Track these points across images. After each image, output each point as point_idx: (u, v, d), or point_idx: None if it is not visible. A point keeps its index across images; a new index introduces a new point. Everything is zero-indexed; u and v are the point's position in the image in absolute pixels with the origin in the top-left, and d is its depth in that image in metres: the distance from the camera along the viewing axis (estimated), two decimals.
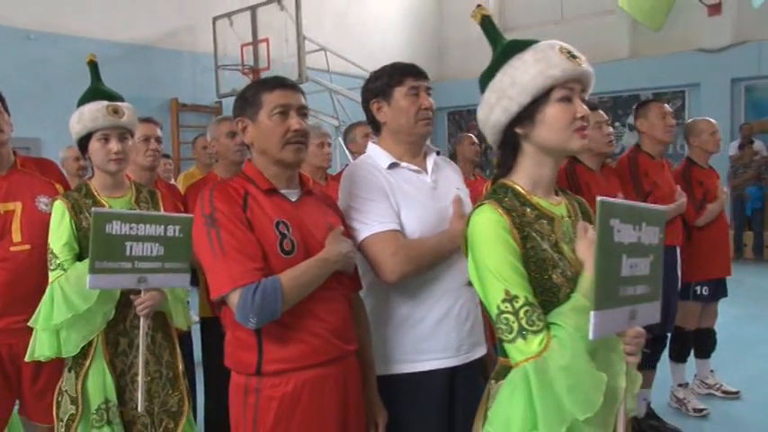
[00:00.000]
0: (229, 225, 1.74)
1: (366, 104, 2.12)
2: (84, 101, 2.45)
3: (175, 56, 9.43)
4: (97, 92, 2.48)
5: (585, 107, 1.50)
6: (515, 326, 1.36)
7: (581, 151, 1.72)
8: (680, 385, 4.09)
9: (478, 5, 1.70)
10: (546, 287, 1.43)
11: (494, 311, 1.40)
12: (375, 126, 2.15)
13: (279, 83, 1.85)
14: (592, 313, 1.26)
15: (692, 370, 4.25)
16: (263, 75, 9.12)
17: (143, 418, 2.40)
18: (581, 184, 3.15)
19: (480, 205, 1.49)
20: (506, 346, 1.39)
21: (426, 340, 1.99)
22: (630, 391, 1.46)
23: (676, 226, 3.62)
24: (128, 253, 2.21)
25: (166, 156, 5.10)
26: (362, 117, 2.31)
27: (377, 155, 2.09)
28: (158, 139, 3.12)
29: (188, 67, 9.65)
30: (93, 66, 2.59)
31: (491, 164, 12.33)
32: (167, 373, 2.47)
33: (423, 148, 2.14)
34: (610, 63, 11.23)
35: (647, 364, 3.43)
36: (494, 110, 1.52)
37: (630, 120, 12.15)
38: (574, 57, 1.47)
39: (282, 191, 1.87)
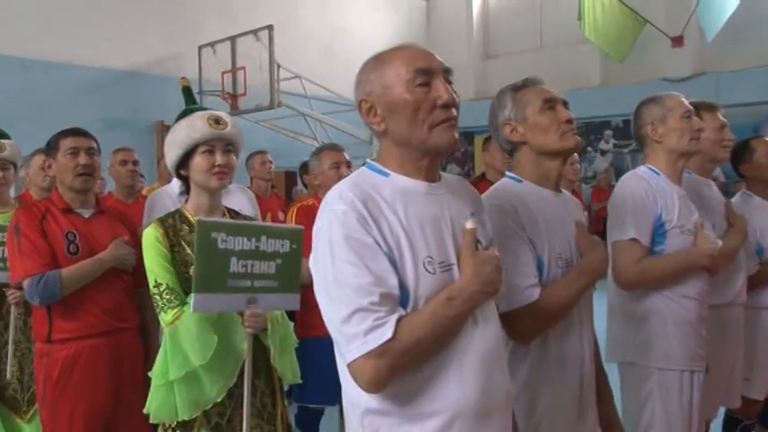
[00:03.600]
0: (28, 232, 2.44)
1: None
2: None
3: (162, 81, 10.27)
4: None
5: None
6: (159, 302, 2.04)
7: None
8: None
9: (182, 77, 2.36)
10: None
11: None
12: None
13: (72, 132, 2.56)
14: (192, 294, 1.92)
15: None
16: (241, 100, 9.95)
17: None
18: None
19: None
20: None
21: None
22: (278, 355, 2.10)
23: None
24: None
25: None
26: (341, 139, 2.76)
27: None
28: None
29: (174, 92, 10.39)
30: None
31: None
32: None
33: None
34: (582, 90, 11.80)
35: None
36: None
37: (602, 144, 12.68)
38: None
39: (77, 210, 2.56)
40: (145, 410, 2.17)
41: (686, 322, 2.33)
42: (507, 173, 1.97)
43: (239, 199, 3.42)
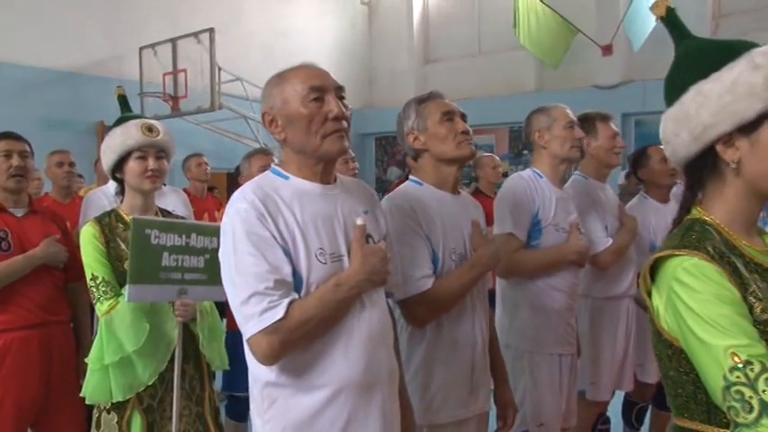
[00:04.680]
0: None
1: None
2: None
3: (103, 82, 10.22)
4: None
5: None
6: None
7: None
8: None
9: (118, 86, 2.54)
10: None
11: None
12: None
13: (4, 135, 2.70)
14: (127, 285, 2.11)
15: None
16: (182, 102, 10.00)
17: None
18: None
19: None
20: None
21: None
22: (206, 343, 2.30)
23: None
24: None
25: None
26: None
27: None
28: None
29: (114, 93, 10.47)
30: None
31: None
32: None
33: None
34: (518, 95, 12.22)
35: None
36: None
37: None
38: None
39: (10, 209, 2.70)
40: (81, 393, 2.35)
41: (555, 311, 2.58)
42: (410, 177, 2.22)
43: (173, 200, 3.60)
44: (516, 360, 2.57)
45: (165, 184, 4.25)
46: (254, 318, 1.50)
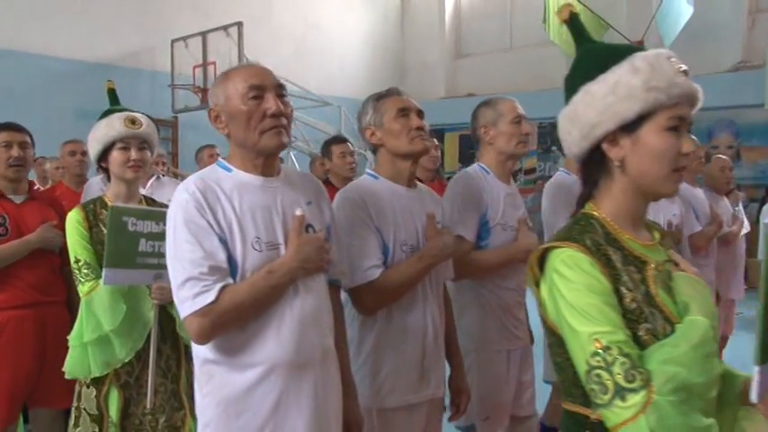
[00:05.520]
0: None
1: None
2: None
3: (135, 74, 10.52)
4: None
5: None
6: None
7: None
8: None
9: (108, 80, 2.67)
10: None
11: None
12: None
13: (6, 126, 2.86)
14: (104, 269, 2.24)
15: None
16: None
17: None
18: None
19: None
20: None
21: None
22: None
23: None
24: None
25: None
26: (312, 134, 2.70)
27: None
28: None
29: (146, 85, 10.75)
30: None
31: None
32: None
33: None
34: (548, 91, 12.12)
35: None
36: None
37: None
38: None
39: (9, 196, 2.87)
40: (63, 368, 2.49)
41: (504, 309, 2.60)
42: (367, 170, 2.30)
43: (171, 191, 3.75)
44: (465, 357, 2.61)
45: (162, 175, 4.42)
46: (188, 300, 1.61)
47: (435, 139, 4.82)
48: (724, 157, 4.79)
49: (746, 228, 8.03)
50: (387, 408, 2.13)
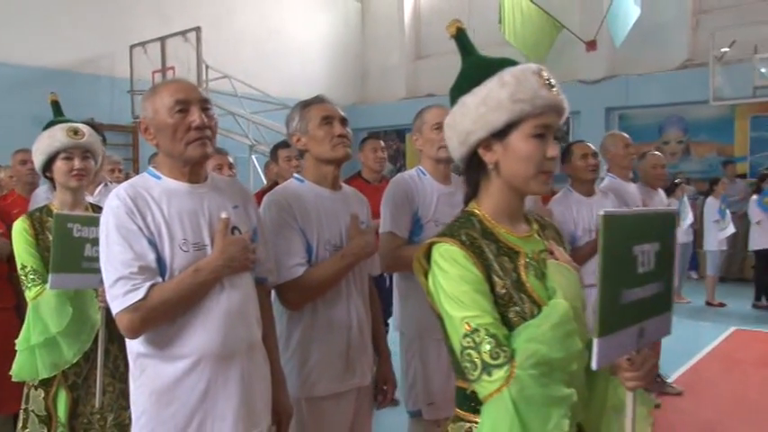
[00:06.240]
0: None
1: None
2: None
3: (94, 80, 10.55)
4: None
5: None
6: None
7: None
8: None
9: (51, 93, 2.77)
10: None
11: None
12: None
13: None
14: (50, 274, 2.36)
15: None
16: None
17: None
18: None
19: None
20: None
21: None
22: None
23: None
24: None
25: None
26: (273, 137, 2.79)
27: None
28: None
29: (106, 91, 10.78)
30: None
31: None
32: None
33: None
34: None
35: None
36: None
37: None
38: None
39: None
40: (10, 372, 2.59)
41: None
42: (294, 174, 2.45)
43: None
44: (408, 345, 2.78)
45: (110, 182, 4.51)
46: (119, 297, 1.75)
47: (382, 141, 4.99)
48: (658, 154, 5.01)
49: (690, 219, 8.35)
50: (315, 396, 2.29)
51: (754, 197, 8.59)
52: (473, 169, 1.55)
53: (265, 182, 6.20)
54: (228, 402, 1.87)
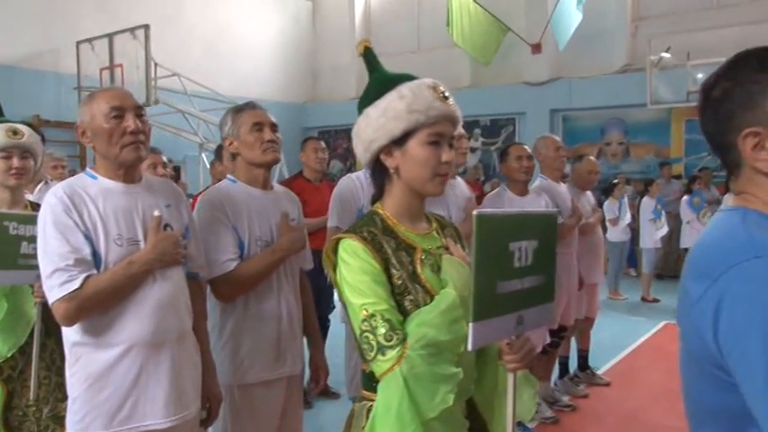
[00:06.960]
0: None
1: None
2: None
3: (39, 76, 10.44)
4: None
5: None
6: None
7: None
8: None
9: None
10: None
11: None
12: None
13: None
14: None
15: None
16: None
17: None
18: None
19: None
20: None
21: None
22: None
23: None
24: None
25: None
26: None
27: None
28: None
29: (51, 87, 10.67)
30: None
31: None
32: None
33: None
34: (454, 91, 12.50)
35: None
36: None
37: (471, 142, 13.57)
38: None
39: None
40: None
41: None
42: (228, 175, 2.59)
43: None
44: (351, 334, 2.95)
45: (51, 180, 4.56)
46: (55, 288, 1.88)
47: (323, 142, 5.14)
48: (593, 160, 5.25)
49: (629, 218, 8.70)
50: (246, 383, 2.43)
51: (686, 198, 9.01)
52: (378, 173, 1.71)
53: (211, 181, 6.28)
54: (159, 386, 2.00)
